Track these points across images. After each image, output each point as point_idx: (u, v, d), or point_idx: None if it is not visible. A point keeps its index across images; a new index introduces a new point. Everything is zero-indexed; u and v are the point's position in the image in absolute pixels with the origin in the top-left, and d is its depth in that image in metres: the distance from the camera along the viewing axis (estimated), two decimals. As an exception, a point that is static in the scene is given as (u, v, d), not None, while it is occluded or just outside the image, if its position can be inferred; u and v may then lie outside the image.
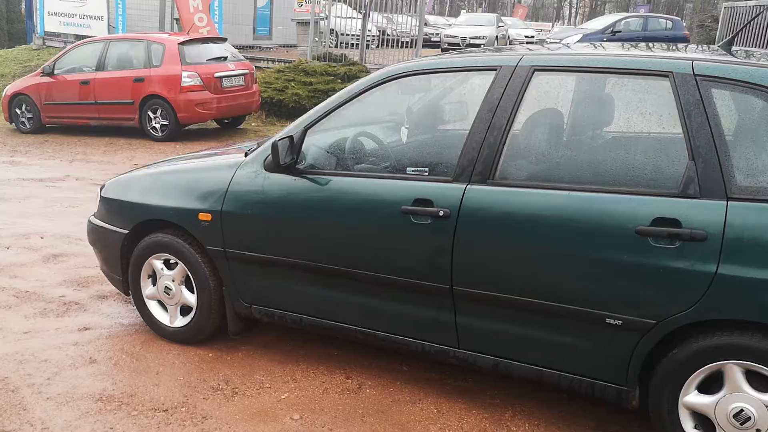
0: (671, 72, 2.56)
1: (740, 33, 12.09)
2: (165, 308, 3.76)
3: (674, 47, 3.12)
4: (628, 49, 3.05)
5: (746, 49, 3.01)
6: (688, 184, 2.44)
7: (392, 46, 14.34)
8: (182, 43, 10.21)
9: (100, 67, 10.54)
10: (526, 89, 2.81)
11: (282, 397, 3.23)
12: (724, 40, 2.98)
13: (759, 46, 11.95)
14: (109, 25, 15.82)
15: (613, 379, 2.67)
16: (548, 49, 3.25)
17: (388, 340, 3.17)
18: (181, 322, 3.70)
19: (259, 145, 3.48)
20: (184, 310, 3.70)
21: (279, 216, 3.26)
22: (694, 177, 2.43)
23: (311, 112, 3.34)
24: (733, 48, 2.87)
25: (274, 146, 3.12)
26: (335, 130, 3.41)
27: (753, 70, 2.48)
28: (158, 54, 10.16)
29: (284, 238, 3.27)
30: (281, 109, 11.64)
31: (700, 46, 3.25)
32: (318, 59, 12.89)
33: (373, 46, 14.76)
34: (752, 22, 11.93)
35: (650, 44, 3.29)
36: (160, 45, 10.23)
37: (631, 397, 2.66)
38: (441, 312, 2.97)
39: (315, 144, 3.32)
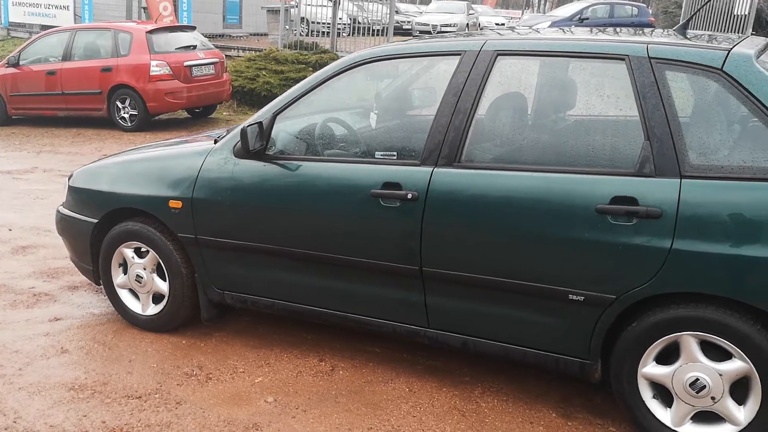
0: (627, 55, 2.64)
1: (696, 17, 12.35)
2: (137, 297, 3.77)
3: (640, 32, 3.20)
4: (596, 33, 3.13)
5: (700, 32, 3.11)
6: (644, 163, 2.53)
7: (363, 34, 14.32)
8: (150, 32, 10.10)
9: (67, 57, 10.39)
10: (489, 73, 2.88)
11: (256, 381, 3.27)
12: (678, 24, 3.07)
13: (718, 30, 12.19)
14: (75, 14, 15.57)
15: (577, 353, 2.76)
16: (517, 33, 3.31)
17: (361, 323, 3.22)
18: (153, 310, 3.71)
19: (228, 132, 3.50)
20: (156, 298, 3.72)
21: (250, 202, 3.29)
22: (649, 156, 2.52)
23: (280, 98, 3.36)
24: (688, 31, 2.97)
25: (243, 132, 3.14)
26: (305, 115, 3.45)
27: (704, 52, 2.57)
28: (126, 43, 10.04)
29: (255, 224, 3.29)
30: (253, 98, 11.58)
31: (657, 30, 3.34)
32: (289, 47, 12.83)
33: (344, 34, 14.72)
34: (712, 8, 12.22)
35: (614, 29, 3.37)
36: (128, 34, 10.11)
37: (593, 370, 2.75)
38: (411, 293, 3.03)
39: (284, 130, 3.35)
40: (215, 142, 3.47)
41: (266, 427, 2.90)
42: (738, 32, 11.57)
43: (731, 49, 2.55)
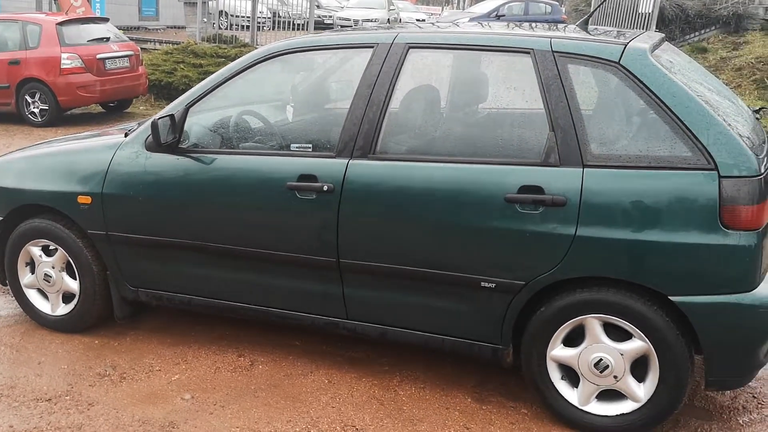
0: (532, 49, 2.73)
1: (604, 15, 12.94)
2: (46, 297, 3.63)
3: (554, 27, 3.30)
4: (511, 27, 3.20)
5: (601, 27, 3.25)
6: (549, 153, 2.62)
7: (284, 28, 14.20)
8: (60, 24, 9.69)
9: (-29, 49, 9.84)
10: (402, 66, 2.91)
11: (173, 378, 3.21)
12: (581, 20, 3.20)
13: (624, 28, 12.77)
14: (-22, 4, 14.75)
15: (489, 338, 2.84)
16: (431, 27, 3.37)
17: (279, 316, 3.22)
18: (63, 310, 3.59)
19: (139, 125, 3.42)
20: (67, 297, 3.59)
21: (163, 196, 3.22)
22: (554, 147, 2.61)
23: (193, 89, 3.31)
24: (590, 27, 3.09)
25: (154, 125, 3.07)
26: (220, 108, 3.41)
27: (603, 46, 2.68)
28: (35, 35, 9.60)
29: (169, 219, 3.23)
30: (170, 92, 11.27)
31: (568, 26, 3.46)
32: (207, 41, 12.58)
33: (265, 28, 14.54)
34: (619, 6, 12.86)
35: (530, 24, 3.45)
36: (37, 26, 9.67)
37: (505, 355, 2.84)
38: (329, 285, 3.04)
39: (198, 122, 3.31)
40: (126, 135, 3.38)
41: (183, 425, 2.86)
42: (642, 29, 12.14)
43: (628, 43, 2.67)
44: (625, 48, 2.64)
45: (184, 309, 3.46)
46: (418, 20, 26.06)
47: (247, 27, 13.79)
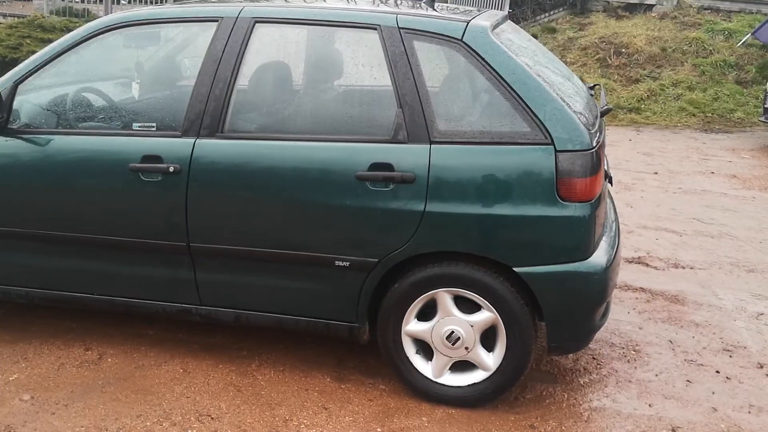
0: (379, 25, 2.71)
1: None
2: None
3: (417, 4, 3.28)
4: (368, 3, 3.16)
5: (447, 5, 3.28)
6: (397, 130, 2.63)
7: (144, 2, 13.48)
8: None
9: None
10: (248, 41, 2.81)
11: (10, 378, 2.97)
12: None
13: (481, 7, 13.19)
14: None
15: (345, 317, 2.83)
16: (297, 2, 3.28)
17: (128, 305, 3.06)
18: None
19: (-39, 104, 3.10)
20: None
21: (-10, 181, 2.96)
22: (402, 124, 2.62)
23: (22, 65, 3.07)
24: (437, 4, 3.12)
25: (-24, 104, 2.80)
26: (58, 85, 3.18)
27: (447, 23, 2.70)
28: None
29: (-1, 206, 2.98)
30: (16, 70, 10.46)
31: (412, 1, 3.44)
32: (57, 14, 11.74)
33: (123, 2, 13.73)
34: None
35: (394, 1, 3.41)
36: None
37: (362, 332, 2.84)
38: (180, 270, 2.92)
39: (30, 101, 3.08)
40: (-54, 115, 3.06)
41: (21, 428, 2.65)
42: (497, 9, 12.59)
43: (470, 21, 2.71)
44: (467, 25, 2.67)
45: (23, 303, 3.20)
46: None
47: (102, 0, 12.97)
